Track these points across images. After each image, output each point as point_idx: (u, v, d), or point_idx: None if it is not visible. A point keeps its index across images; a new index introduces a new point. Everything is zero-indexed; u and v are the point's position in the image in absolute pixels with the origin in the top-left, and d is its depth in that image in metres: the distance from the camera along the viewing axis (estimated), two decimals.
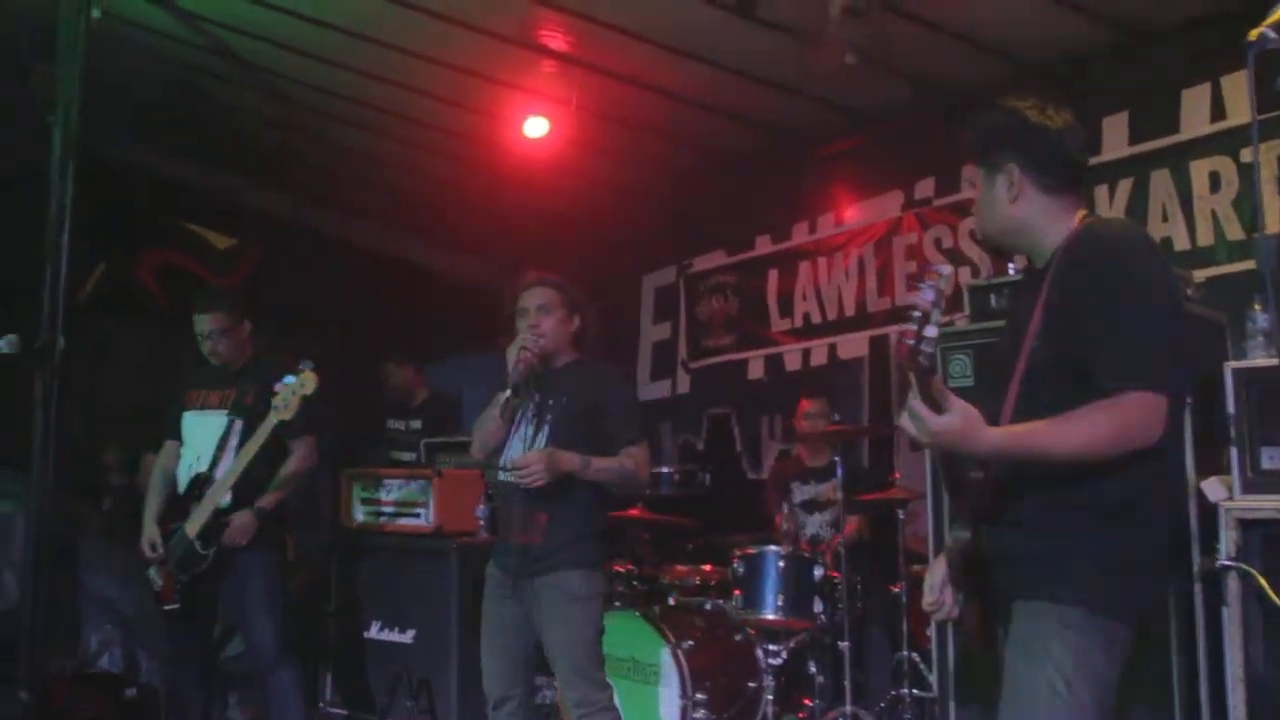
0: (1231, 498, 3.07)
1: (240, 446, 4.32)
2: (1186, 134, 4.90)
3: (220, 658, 5.24)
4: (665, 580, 5.39)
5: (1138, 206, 5.04)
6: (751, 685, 4.87)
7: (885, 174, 6.34)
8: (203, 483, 4.35)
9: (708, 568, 5.44)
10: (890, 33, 4.99)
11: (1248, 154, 4.55)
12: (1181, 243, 4.87)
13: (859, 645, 5.06)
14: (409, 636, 5.25)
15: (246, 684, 5.21)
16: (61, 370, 2.18)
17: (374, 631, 5.39)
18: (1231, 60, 4.52)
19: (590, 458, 3.55)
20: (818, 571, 4.94)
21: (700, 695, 4.66)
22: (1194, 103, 4.87)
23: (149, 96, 6.36)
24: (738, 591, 5.00)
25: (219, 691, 5.20)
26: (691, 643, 4.79)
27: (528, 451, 3.56)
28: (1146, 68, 5.08)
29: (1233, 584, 3.01)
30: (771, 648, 4.92)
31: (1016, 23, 5.04)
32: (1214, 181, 4.78)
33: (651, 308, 7.91)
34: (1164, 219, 4.95)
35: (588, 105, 5.93)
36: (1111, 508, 2.12)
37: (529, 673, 3.68)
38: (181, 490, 4.45)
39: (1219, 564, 3.02)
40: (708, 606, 5.16)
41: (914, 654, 4.87)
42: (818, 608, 4.91)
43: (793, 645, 4.97)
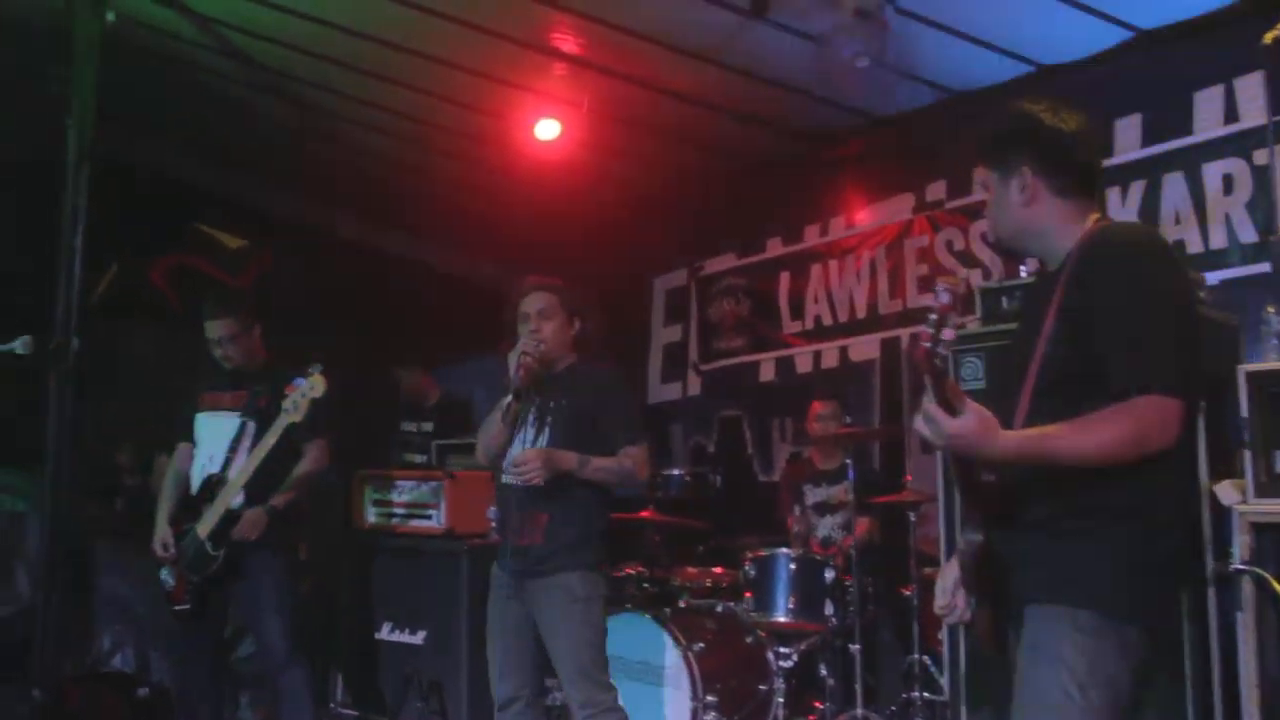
0: (1245, 501, 3.04)
1: (253, 448, 4.34)
2: (1199, 136, 4.88)
3: (231, 659, 5.24)
4: (676, 582, 5.38)
5: (1150, 209, 5.02)
6: (762, 688, 4.86)
7: (897, 176, 6.33)
8: (215, 484, 4.37)
9: (718, 570, 5.44)
10: (901, 34, 4.99)
11: (1261, 156, 4.53)
12: (1194, 245, 4.85)
13: (870, 648, 5.04)
14: (420, 638, 5.25)
15: (258, 685, 5.23)
16: (75, 371, 2.20)
17: (385, 633, 5.40)
18: (1245, 61, 4.51)
19: (589, 457, 3.60)
20: (829, 574, 4.93)
21: (711, 698, 4.66)
22: (1207, 104, 4.85)
23: (160, 98, 6.37)
24: (748, 594, 5.00)
25: (230, 692, 5.21)
26: (702, 645, 4.79)
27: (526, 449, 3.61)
28: (1159, 69, 5.06)
29: (1246, 588, 2.98)
30: (782, 650, 4.91)
31: (1028, 25, 5.02)
32: (1227, 184, 4.76)
33: (663, 310, 7.91)
34: (1177, 221, 4.93)
35: (599, 107, 5.93)
36: (1124, 511, 2.11)
37: (536, 673, 3.70)
38: (194, 491, 4.47)
39: (1232, 568, 3.00)
40: (718, 609, 5.16)
41: (925, 657, 4.85)
42: (829, 610, 4.91)
43: (804, 648, 4.97)
